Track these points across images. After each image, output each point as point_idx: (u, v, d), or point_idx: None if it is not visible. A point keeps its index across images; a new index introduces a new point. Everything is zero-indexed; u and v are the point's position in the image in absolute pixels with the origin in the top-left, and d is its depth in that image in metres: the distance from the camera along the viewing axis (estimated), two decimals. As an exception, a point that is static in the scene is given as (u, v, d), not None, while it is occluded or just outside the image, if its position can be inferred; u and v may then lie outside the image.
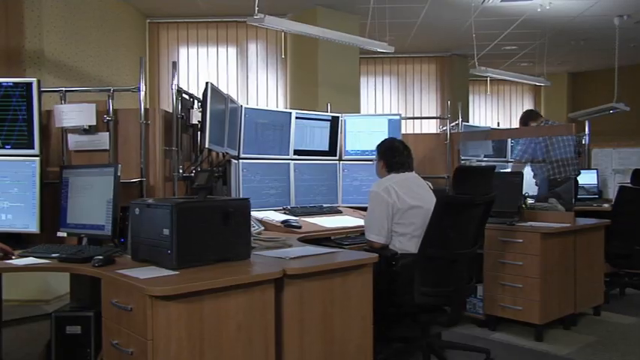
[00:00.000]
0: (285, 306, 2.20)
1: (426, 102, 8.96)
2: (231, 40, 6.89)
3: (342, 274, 2.40)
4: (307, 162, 4.41)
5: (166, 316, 1.87)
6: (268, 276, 2.12)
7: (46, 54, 4.70)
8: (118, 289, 2.04)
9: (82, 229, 2.70)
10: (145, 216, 2.28)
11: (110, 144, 2.95)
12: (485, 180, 2.99)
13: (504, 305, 3.82)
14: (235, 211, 2.32)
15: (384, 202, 3.09)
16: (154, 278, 1.99)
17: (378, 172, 3.39)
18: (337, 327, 2.38)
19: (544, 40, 7.14)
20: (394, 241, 3.13)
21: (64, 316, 2.48)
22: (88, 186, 2.69)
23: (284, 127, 4.28)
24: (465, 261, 3.07)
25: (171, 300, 1.87)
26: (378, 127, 4.66)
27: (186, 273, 2.08)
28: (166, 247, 2.14)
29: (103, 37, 5.75)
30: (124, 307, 1.96)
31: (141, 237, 2.30)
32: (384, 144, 3.38)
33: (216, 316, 1.98)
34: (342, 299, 2.39)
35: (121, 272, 2.09)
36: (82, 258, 2.34)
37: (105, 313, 2.14)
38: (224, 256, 2.29)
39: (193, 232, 2.18)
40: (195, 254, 2.19)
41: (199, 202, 2.23)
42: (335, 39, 4.50)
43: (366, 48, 4.99)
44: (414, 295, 2.96)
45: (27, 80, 2.77)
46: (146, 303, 1.85)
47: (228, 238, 2.30)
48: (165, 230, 2.15)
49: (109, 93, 2.96)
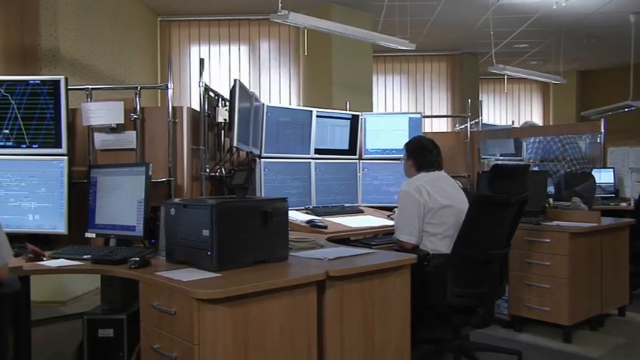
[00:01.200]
0: (326, 308, 2.14)
1: (436, 100, 8.90)
2: (244, 38, 6.83)
3: (381, 276, 2.35)
4: (328, 161, 4.35)
5: (213, 320, 1.81)
6: (312, 278, 2.07)
7: (62, 52, 4.64)
8: (158, 291, 1.99)
9: (111, 230, 2.64)
10: (181, 216, 2.22)
11: (137, 143, 2.89)
12: (520, 179, 2.93)
13: (531, 306, 3.76)
14: (274, 211, 2.26)
15: (416, 202, 3.03)
16: (197, 281, 1.93)
17: (406, 171, 3.33)
18: (377, 329, 2.33)
19: (560, 37, 7.07)
20: (425, 241, 3.07)
21: (96, 318, 2.42)
22: (118, 186, 2.63)
23: (305, 125, 4.22)
24: (498, 261, 3.02)
25: (218, 303, 1.82)
26: (399, 125, 4.60)
27: (228, 275, 2.03)
28: (206, 249, 2.09)
29: (116, 35, 5.69)
30: (167, 311, 1.91)
31: (177, 238, 2.25)
32: (413, 142, 3.32)
33: (260, 319, 1.93)
34: (381, 301, 2.34)
35: (160, 274, 2.04)
36: (116, 260, 2.28)
37: (143, 317, 2.08)
38: (263, 258, 2.24)
39: (233, 233, 2.13)
40: (235, 256, 2.14)
41: (239, 202, 2.18)
42: (357, 36, 4.44)
43: (385, 45, 4.93)
44: (446, 296, 2.90)
45: (55, 78, 2.71)
46: (192, 306, 1.80)
47: (267, 238, 2.25)
48: (204, 231, 2.09)
49: (135, 91, 2.90)
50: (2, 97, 2.69)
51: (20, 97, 2.70)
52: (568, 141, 4.51)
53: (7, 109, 2.71)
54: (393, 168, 4.54)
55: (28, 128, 2.73)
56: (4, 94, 2.70)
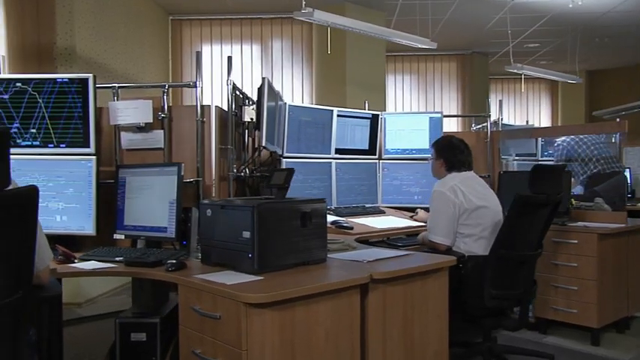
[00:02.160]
0: (369, 312, 2.09)
1: (446, 100, 8.85)
2: (256, 37, 6.77)
3: (421, 278, 2.30)
4: (348, 161, 4.30)
5: (261, 325, 1.76)
6: (357, 281, 2.02)
7: (78, 51, 4.58)
8: (200, 295, 1.93)
9: (141, 232, 2.58)
10: (219, 218, 2.16)
11: (165, 142, 2.84)
12: (557, 179, 2.88)
13: (557, 308, 3.71)
14: (312, 213, 2.21)
15: (450, 203, 2.98)
16: (241, 284, 1.87)
17: (435, 171, 3.27)
18: (417, 332, 2.28)
19: (575, 36, 7.01)
20: (458, 242, 3.02)
21: (128, 322, 2.36)
22: (148, 186, 2.57)
23: (325, 125, 4.17)
24: (532, 262, 2.97)
25: (266, 307, 1.76)
26: (419, 125, 4.55)
27: (270, 278, 1.97)
28: (246, 251, 2.03)
29: (129, 34, 5.63)
30: (211, 315, 1.85)
31: (214, 240, 2.19)
32: (442, 142, 3.27)
33: (306, 323, 1.87)
34: (421, 303, 2.29)
35: (201, 277, 1.98)
36: (151, 262, 2.22)
37: (183, 321, 2.02)
38: (303, 260, 2.19)
39: (274, 235, 2.07)
40: (275, 258, 2.08)
41: (280, 203, 2.12)
42: (380, 35, 4.39)
43: (404, 45, 4.87)
44: (483, 298, 2.85)
45: (83, 76, 2.65)
46: (240, 311, 1.74)
47: (307, 240, 2.19)
48: (245, 233, 2.04)
49: (163, 89, 2.85)
50: (30, 95, 2.63)
51: (48, 96, 2.64)
52: (595, 141, 4.45)
53: (34, 107, 2.65)
54: (413, 168, 4.49)
55: (55, 127, 2.67)
56: (31, 92, 2.64)
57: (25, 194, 1.38)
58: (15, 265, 1.47)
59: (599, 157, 4.41)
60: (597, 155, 4.42)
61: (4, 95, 2.64)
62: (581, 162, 4.41)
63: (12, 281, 1.48)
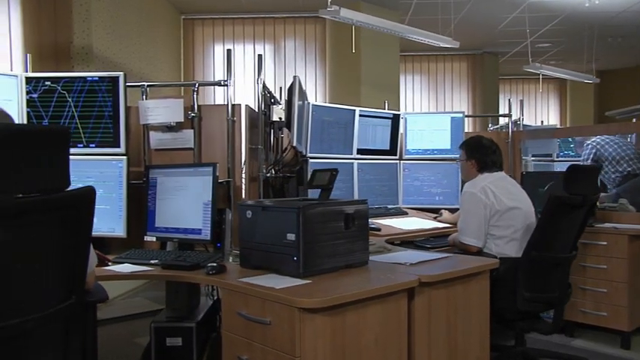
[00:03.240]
0: (416, 316, 2.03)
1: (457, 100, 8.80)
2: (268, 36, 6.72)
3: (464, 281, 2.24)
4: (370, 161, 4.24)
5: (314, 330, 1.70)
6: (406, 285, 1.96)
7: (95, 50, 4.52)
8: (246, 299, 1.87)
9: (173, 234, 2.52)
10: (260, 219, 2.11)
11: (195, 142, 2.78)
12: (592, 180, 2.83)
13: (585, 311, 3.65)
14: (355, 214, 2.15)
15: (482, 204, 2.92)
16: (290, 288, 1.82)
17: (465, 172, 3.21)
18: (459, 337, 2.23)
19: (591, 34, 6.96)
20: (489, 244, 2.96)
21: (163, 327, 2.31)
22: (181, 187, 2.51)
23: (347, 125, 4.12)
24: (567, 265, 2.91)
25: (318, 312, 1.71)
26: (440, 125, 4.50)
27: (318, 281, 1.92)
28: (291, 254, 1.98)
29: (143, 33, 5.58)
30: (260, 321, 1.79)
31: (254, 242, 2.13)
32: (472, 142, 3.21)
33: (356, 328, 1.82)
34: (464, 307, 2.24)
35: (246, 281, 1.92)
36: (190, 265, 2.16)
37: (227, 326, 1.96)
38: (346, 263, 2.13)
39: (319, 237, 2.01)
40: (320, 261, 2.03)
41: (325, 205, 2.06)
42: (404, 34, 4.34)
43: (421, 44, 4.82)
44: (516, 302, 2.79)
45: (113, 74, 2.60)
46: (294, 316, 1.68)
47: (350, 243, 2.14)
48: (289, 235, 1.98)
49: (193, 88, 2.79)
50: (59, 94, 2.57)
51: (77, 95, 2.59)
52: (623, 142, 4.40)
53: (64, 106, 2.60)
54: (434, 168, 4.44)
55: (85, 127, 2.61)
56: (60, 91, 2.58)
57: (83, 195, 1.32)
58: (70, 269, 1.41)
59: (632, 156, 4.36)
60: (630, 154, 4.36)
61: (34, 94, 2.58)
62: (612, 161, 4.35)
63: (66, 287, 1.42)
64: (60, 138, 1.26)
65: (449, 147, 4.48)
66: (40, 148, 1.23)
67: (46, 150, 1.24)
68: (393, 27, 4.21)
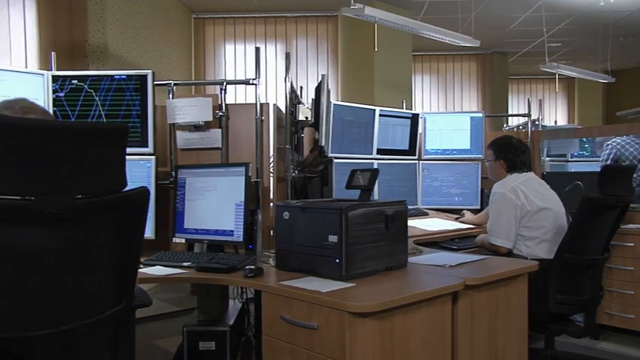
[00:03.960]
0: (459, 320, 1.98)
1: (466, 100, 8.75)
2: (280, 36, 6.67)
3: (504, 284, 2.20)
4: (389, 161, 4.19)
5: (364, 335, 1.65)
6: (451, 288, 1.91)
7: (110, 49, 4.47)
8: (290, 303, 1.82)
9: (203, 235, 2.47)
10: (299, 221, 2.06)
11: (222, 142, 2.73)
12: (626, 180, 2.78)
13: (612, 313, 3.60)
14: (395, 215, 2.11)
15: (512, 204, 2.88)
16: (336, 291, 1.77)
17: (493, 173, 3.17)
18: (500, 341, 2.18)
19: (606, 33, 6.91)
20: (519, 245, 2.92)
21: (196, 330, 2.25)
22: (212, 187, 2.46)
23: (368, 125, 4.07)
24: (599, 266, 2.86)
25: (367, 317, 1.66)
26: (460, 125, 4.45)
27: (363, 285, 1.87)
28: (333, 256, 1.93)
29: (155, 32, 5.52)
30: (306, 325, 1.74)
31: (292, 244, 2.08)
32: (501, 142, 3.16)
33: (404, 332, 1.77)
34: (504, 311, 2.19)
35: (288, 284, 1.87)
36: (227, 267, 2.11)
37: (268, 330, 1.92)
38: (386, 265, 2.08)
39: (361, 239, 1.97)
40: (362, 263, 1.98)
41: (367, 206, 2.01)
42: (424, 32, 4.29)
43: (450, 43, 4.77)
44: (548, 304, 2.74)
45: (142, 72, 2.55)
46: (344, 320, 1.63)
47: (391, 244, 2.09)
48: (331, 237, 1.93)
49: (221, 86, 2.74)
50: (86, 93, 2.52)
51: (105, 93, 2.54)
52: None
53: (90, 105, 2.55)
54: (454, 169, 4.39)
55: (113, 126, 2.55)
56: (87, 90, 2.53)
57: (139, 196, 1.27)
58: (122, 272, 1.36)
59: None
60: None
61: (60, 93, 2.53)
62: (632, 161, 4.30)
63: (117, 291, 1.37)
64: (119, 136, 1.21)
65: (468, 147, 4.43)
66: (100, 147, 1.18)
67: (105, 148, 1.19)
68: (416, 26, 4.17)
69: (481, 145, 4.40)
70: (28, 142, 1.08)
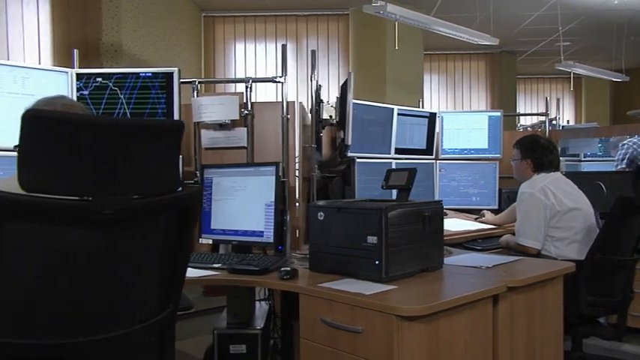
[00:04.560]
0: (500, 322, 1.94)
1: (475, 99, 8.71)
2: (291, 34, 6.62)
3: (541, 286, 2.15)
4: (407, 161, 4.15)
5: (411, 339, 1.61)
6: (494, 290, 1.87)
7: (124, 47, 4.42)
8: (331, 306, 1.77)
9: (231, 236, 2.42)
10: (335, 221, 2.01)
11: (248, 141, 2.68)
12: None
13: (636, 315, 3.55)
14: (432, 215, 2.06)
15: (541, 204, 2.83)
16: (380, 294, 1.73)
17: (519, 172, 3.12)
18: (537, 344, 2.14)
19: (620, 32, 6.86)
20: (548, 246, 2.88)
21: (227, 334, 2.21)
22: (240, 187, 2.41)
23: (386, 123, 4.02)
24: (631, 267, 2.82)
25: (415, 320, 1.61)
26: (478, 124, 4.41)
27: (405, 287, 1.83)
28: (372, 257, 1.88)
29: (167, 30, 5.48)
30: (350, 329, 1.69)
31: (328, 245, 2.04)
32: (528, 141, 3.11)
33: (449, 336, 1.73)
34: (541, 313, 2.15)
35: (328, 286, 1.83)
36: (261, 269, 2.06)
37: (306, 334, 1.87)
38: (423, 267, 2.04)
39: (400, 240, 1.92)
40: (401, 264, 1.93)
41: (405, 206, 1.97)
42: (444, 30, 4.25)
43: (468, 41, 4.72)
44: (578, 306, 2.70)
45: (167, 70, 2.50)
46: (392, 324, 1.59)
47: (427, 245, 2.05)
48: (370, 238, 1.89)
49: (247, 84, 2.69)
50: (110, 91, 2.48)
51: (130, 92, 2.49)
52: None
53: (115, 104, 2.50)
54: (472, 169, 4.35)
55: (138, 125, 2.50)
56: (112, 87, 2.48)
57: (193, 196, 1.22)
58: (171, 276, 1.31)
59: None
60: None
61: (84, 91, 2.48)
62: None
63: (165, 295, 1.32)
64: (175, 133, 1.16)
65: (486, 146, 4.39)
66: (157, 144, 1.13)
67: (162, 146, 1.14)
68: (437, 24, 4.13)
69: (499, 145, 4.35)
70: (86, 140, 1.03)
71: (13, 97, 2.35)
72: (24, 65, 2.42)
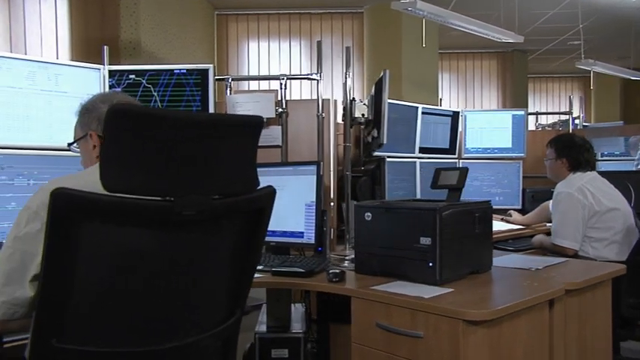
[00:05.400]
0: (555, 326, 1.88)
1: (486, 98, 8.65)
2: (305, 32, 6.55)
3: (591, 289, 2.09)
4: (430, 160, 4.09)
5: (475, 345, 1.55)
6: (554, 293, 1.81)
7: (142, 45, 4.36)
8: (388, 310, 1.71)
9: (269, 237, 2.35)
10: (383, 222, 1.95)
11: (283, 139, 2.62)
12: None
13: (667, 315, 3.50)
14: (482, 216, 2.00)
15: (580, 204, 2.78)
16: (438, 297, 1.67)
17: (554, 171, 3.06)
18: (588, 348, 2.08)
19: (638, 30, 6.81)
20: (585, 247, 2.82)
21: (269, 337, 2.15)
22: (279, 187, 2.31)
23: (411, 122, 3.96)
24: (672, 269, 2.76)
25: (479, 325, 1.55)
26: (501, 123, 4.36)
27: (462, 290, 1.77)
28: (425, 259, 1.82)
29: (182, 28, 5.42)
30: (411, 334, 1.63)
31: (375, 246, 1.98)
32: (563, 140, 3.06)
33: (509, 340, 1.67)
34: (591, 316, 2.09)
35: (382, 289, 1.77)
36: (306, 271, 2.00)
37: (358, 338, 1.81)
38: (473, 268, 1.98)
39: (454, 241, 1.86)
40: (455, 266, 1.88)
41: (459, 206, 1.91)
42: (471, 28, 4.20)
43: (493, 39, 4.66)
44: (618, 308, 2.64)
45: (202, 66, 2.44)
46: (457, 329, 1.53)
47: (478, 246, 1.99)
48: (424, 239, 1.83)
49: (281, 81, 2.63)
50: (144, 88, 2.42)
51: (164, 89, 2.43)
52: None
53: (149, 101, 2.44)
54: (495, 168, 4.29)
55: (173, 123, 2.44)
56: (145, 85, 2.42)
57: (270, 197, 1.16)
58: (240, 280, 1.26)
59: None
60: None
61: (117, 88, 2.42)
62: None
63: (235, 299, 1.27)
64: (256, 130, 1.10)
65: (509, 146, 4.33)
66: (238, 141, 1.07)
67: (243, 142, 1.08)
68: (465, 22, 4.07)
69: (523, 144, 4.30)
70: (169, 136, 0.97)
71: (47, 94, 2.29)
72: (57, 62, 2.36)
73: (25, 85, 2.25)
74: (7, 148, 2.17)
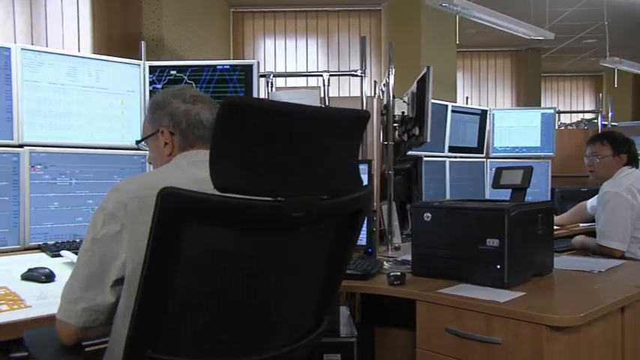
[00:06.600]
0: (626, 331, 1.81)
1: (500, 97, 8.59)
2: (322, 30, 6.48)
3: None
4: (459, 159, 4.03)
5: (559, 352, 1.49)
6: (631, 298, 1.74)
7: (165, 42, 4.29)
8: (459, 314, 1.64)
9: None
10: (445, 223, 1.89)
11: (325, 138, 2.55)
12: None
13: None
14: (545, 217, 1.94)
15: (628, 204, 2.72)
16: (514, 301, 1.60)
17: (607, 169, 2.95)
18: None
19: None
20: (633, 248, 2.76)
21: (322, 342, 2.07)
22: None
23: (440, 121, 3.89)
24: None
25: (561, 331, 1.49)
26: (530, 121, 4.29)
27: (532, 293, 1.70)
28: (492, 261, 1.76)
29: (201, 26, 5.34)
30: (487, 339, 1.57)
31: (436, 248, 1.91)
32: (618, 136, 3.00)
33: (586, 347, 1.60)
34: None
35: (450, 293, 1.70)
36: (363, 274, 1.94)
37: (424, 343, 1.74)
38: (536, 271, 1.92)
39: (521, 243, 1.80)
40: (520, 269, 1.81)
41: (525, 207, 1.84)
42: (502, 24, 4.13)
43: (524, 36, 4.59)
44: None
45: (246, 62, 2.37)
46: (541, 335, 1.46)
47: (541, 248, 1.93)
48: (490, 241, 1.76)
49: (323, 78, 2.56)
50: (185, 84, 2.34)
51: (206, 85, 2.36)
52: None
53: (191, 98, 2.36)
54: (524, 167, 4.22)
55: (215, 120, 2.37)
56: (187, 80, 2.35)
57: (368, 198, 1.10)
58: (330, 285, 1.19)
59: None
60: None
61: (157, 84, 2.35)
62: None
63: (325, 304, 1.20)
64: (364, 125, 1.03)
65: (538, 144, 4.27)
66: (347, 137, 1.00)
67: (351, 138, 1.01)
68: (499, 18, 4.00)
69: (552, 143, 4.24)
70: (282, 131, 0.90)
71: (89, 91, 2.22)
72: (97, 57, 2.29)
73: (67, 82, 2.18)
74: (50, 146, 2.10)
